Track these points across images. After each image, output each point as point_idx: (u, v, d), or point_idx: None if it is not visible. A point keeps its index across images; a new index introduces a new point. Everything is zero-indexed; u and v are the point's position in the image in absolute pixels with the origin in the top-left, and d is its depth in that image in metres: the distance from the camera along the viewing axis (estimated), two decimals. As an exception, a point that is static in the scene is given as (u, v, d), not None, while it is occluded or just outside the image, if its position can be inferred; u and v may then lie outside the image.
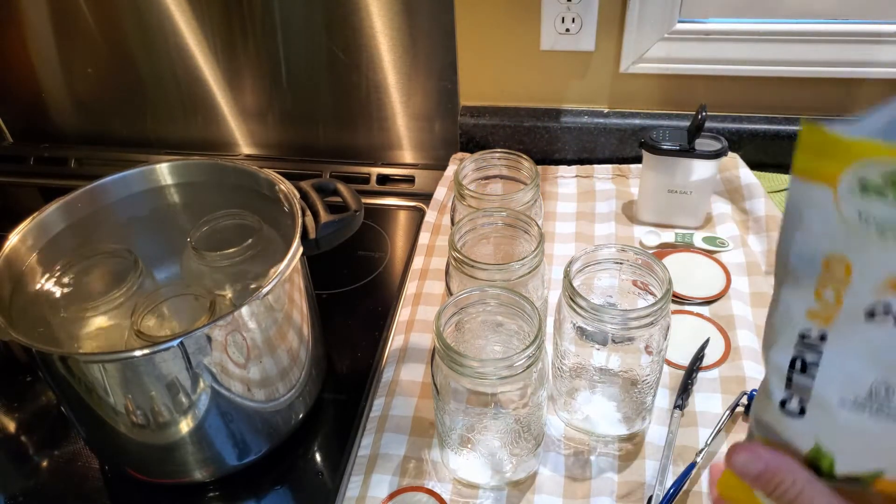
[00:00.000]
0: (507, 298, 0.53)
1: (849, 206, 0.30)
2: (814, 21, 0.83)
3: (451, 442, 0.55)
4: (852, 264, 0.31)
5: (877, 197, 0.29)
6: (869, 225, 0.30)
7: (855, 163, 0.29)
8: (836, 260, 0.32)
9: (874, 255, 0.30)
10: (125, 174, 0.64)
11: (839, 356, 0.33)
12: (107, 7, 0.95)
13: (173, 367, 0.49)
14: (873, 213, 0.29)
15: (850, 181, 0.30)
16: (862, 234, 0.30)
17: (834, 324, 0.33)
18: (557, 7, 0.85)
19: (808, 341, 0.34)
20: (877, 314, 0.32)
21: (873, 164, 0.28)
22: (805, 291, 0.34)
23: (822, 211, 0.31)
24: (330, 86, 0.96)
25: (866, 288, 0.31)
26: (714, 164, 0.77)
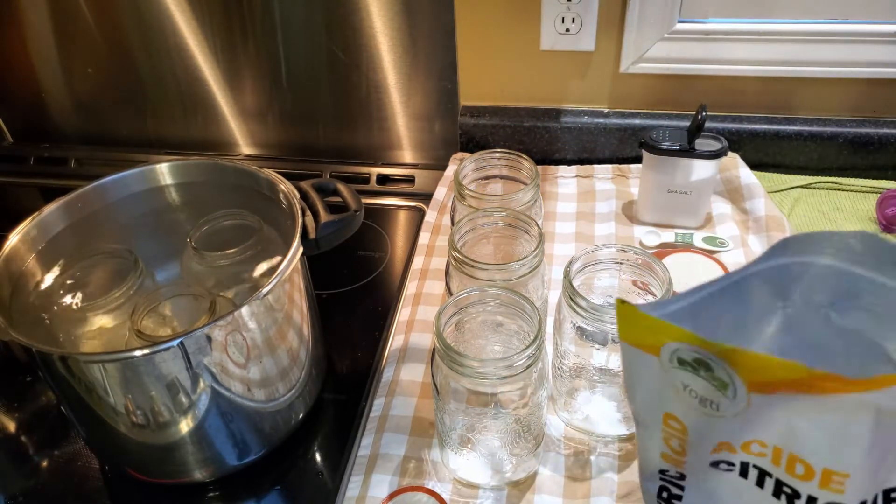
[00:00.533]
0: (507, 298, 0.53)
1: (672, 375, 0.32)
2: (813, 21, 0.83)
3: (451, 442, 0.55)
4: (687, 427, 0.33)
5: (692, 372, 0.31)
6: (692, 396, 0.32)
7: (668, 342, 0.31)
8: (673, 418, 0.33)
9: (703, 423, 0.32)
10: (125, 174, 0.64)
11: (699, 493, 0.35)
12: (107, 7, 0.95)
13: (173, 367, 0.49)
14: (692, 385, 0.31)
15: (669, 355, 0.31)
16: (688, 403, 0.32)
17: (686, 467, 0.35)
18: (557, 7, 0.85)
19: (669, 477, 0.36)
20: (720, 466, 0.33)
21: (682, 346, 0.30)
22: (656, 438, 0.35)
23: (653, 374, 0.33)
24: (330, 86, 0.96)
25: (704, 447, 0.33)
26: (714, 164, 0.77)
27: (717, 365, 0.29)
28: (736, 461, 0.32)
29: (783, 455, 0.30)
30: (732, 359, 0.29)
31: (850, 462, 0.29)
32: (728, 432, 0.31)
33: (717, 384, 0.30)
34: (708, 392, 0.31)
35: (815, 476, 0.30)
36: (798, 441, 0.30)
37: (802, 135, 0.88)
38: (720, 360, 0.29)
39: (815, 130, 0.88)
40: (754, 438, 0.31)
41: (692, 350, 0.30)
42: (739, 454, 0.32)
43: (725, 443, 0.32)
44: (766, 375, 0.28)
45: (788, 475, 0.31)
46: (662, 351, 0.31)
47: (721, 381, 0.30)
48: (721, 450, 0.32)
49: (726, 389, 0.30)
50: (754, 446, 0.31)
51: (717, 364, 0.29)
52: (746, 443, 0.31)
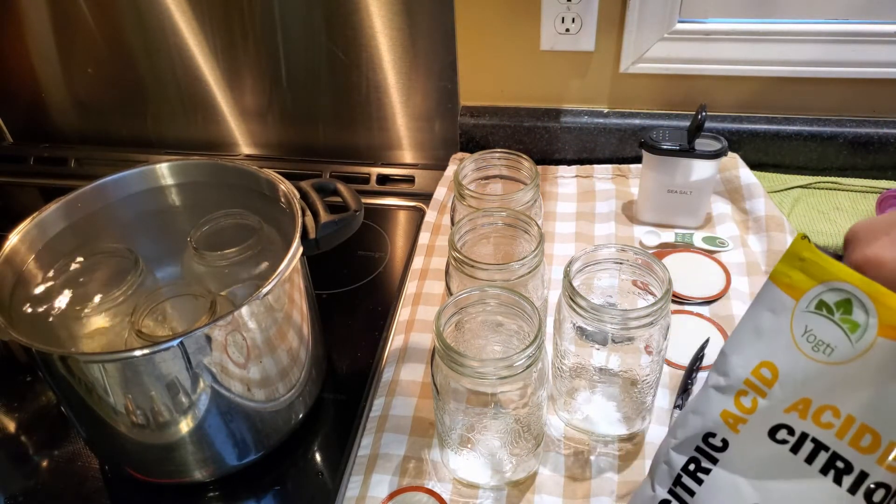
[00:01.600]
0: (507, 298, 0.53)
1: (798, 320, 0.34)
2: (814, 21, 0.83)
3: (451, 442, 0.55)
4: (780, 376, 0.35)
5: (826, 315, 0.33)
6: (808, 341, 0.33)
7: (825, 281, 0.33)
8: (767, 366, 0.35)
9: (801, 370, 0.34)
10: (125, 174, 0.64)
11: (730, 470, 0.36)
12: (107, 7, 0.95)
13: (173, 367, 0.49)
14: (816, 330, 0.33)
15: (812, 297, 0.33)
16: (798, 347, 0.34)
17: (741, 432, 0.36)
18: (557, 7, 0.85)
19: (710, 444, 0.37)
20: (779, 434, 0.34)
21: (838, 287, 0.32)
22: (728, 392, 0.36)
23: (778, 318, 0.35)
24: (330, 86, 0.96)
25: (780, 403, 0.35)
26: (714, 164, 0.77)
27: (861, 305, 0.31)
28: (797, 430, 0.34)
29: (853, 425, 0.32)
30: (883, 300, 0.31)
31: None
32: (817, 387, 0.33)
33: (849, 325, 0.32)
34: (830, 336, 0.33)
35: (878, 449, 0.32)
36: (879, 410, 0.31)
37: (802, 135, 0.88)
38: (870, 300, 0.31)
39: (815, 130, 0.88)
40: (832, 404, 0.32)
41: (847, 289, 0.32)
42: (808, 422, 0.33)
43: (805, 399, 0.33)
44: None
45: (851, 448, 0.32)
46: (808, 294, 0.34)
47: (854, 323, 0.32)
48: (794, 410, 0.34)
49: (856, 330, 0.32)
50: (826, 414, 0.33)
51: (862, 304, 0.31)
52: (822, 407, 0.33)
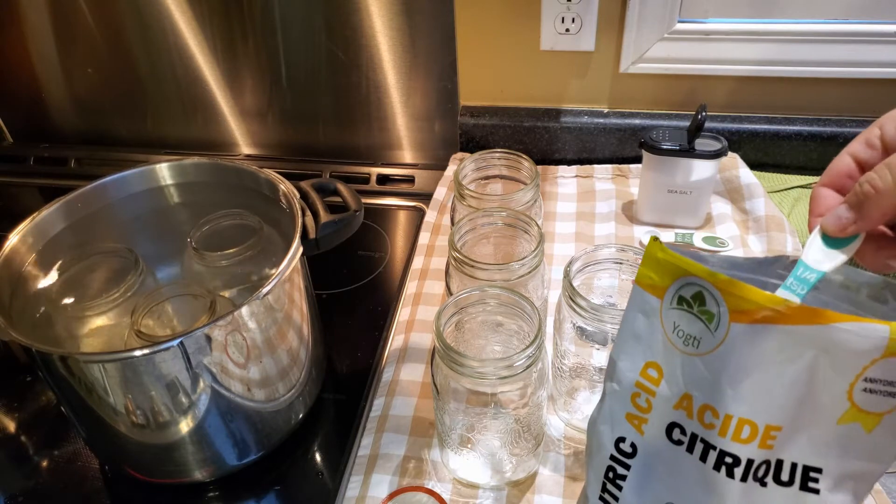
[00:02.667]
0: (507, 298, 0.53)
1: (667, 317, 0.37)
2: (814, 21, 0.83)
3: (451, 442, 0.55)
4: (663, 370, 0.37)
5: (686, 309, 0.35)
6: (679, 336, 0.36)
7: (679, 278, 0.36)
8: (652, 366, 0.38)
9: (679, 365, 0.36)
10: (125, 174, 0.64)
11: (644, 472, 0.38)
12: (107, 7, 0.95)
13: (173, 367, 0.49)
14: (682, 325, 0.36)
15: (673, 293, 0.36)
16: (672, 343, 0.36)
17: (645, 432, 0.38)
18: (557, 7, 0.85)
19: (622, 449, 0.39)
20: (674, 434, 0.36)
21: (691, 282, 0.35)
22: (624, 396, 0.39)
23: (650, 319, 0.37)
24: (330, 86, 0.96)
25: (669, 401, 0.37)
26: (714, 164, 0.77)
27: (711, 296, 0.34)
28: (688, 430, 0.36)
29: (732, 422, 0.34)
30: (727, 289, 0.34)
31: (784, 413, 0.34)
32: (695, 381, 0.35)
33: (706, 316, 0.34)
34: (694, 328, 0.35)
35: (757, 435, 0.34)
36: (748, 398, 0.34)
37: (802, 135, 0.88)
38: (717, 290, 0.34)
39: (815, 130, 0.88)
40: (711, 405, 0.35)
41: (696, 283, 0.35)
42: (694, 422, 0.36)
43: (687, 395, 0.36)
44: (750, 304, 0.33)
45: (733, 442, 0.34)
46: (668, 291, 0.36)
47: (710, 314, 0.34)
48: (680, 407, 0.36)
49: (712, 320, 0.34)
50: (707, 415, 0.35)
51: (711, 295, 0.34)
52: (703, 406, 0.35)
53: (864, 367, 0.33)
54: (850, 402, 0.34)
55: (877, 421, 0.34)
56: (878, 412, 0.34)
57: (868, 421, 0.34)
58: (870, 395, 0.33)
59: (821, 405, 0.34)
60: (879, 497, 0.54)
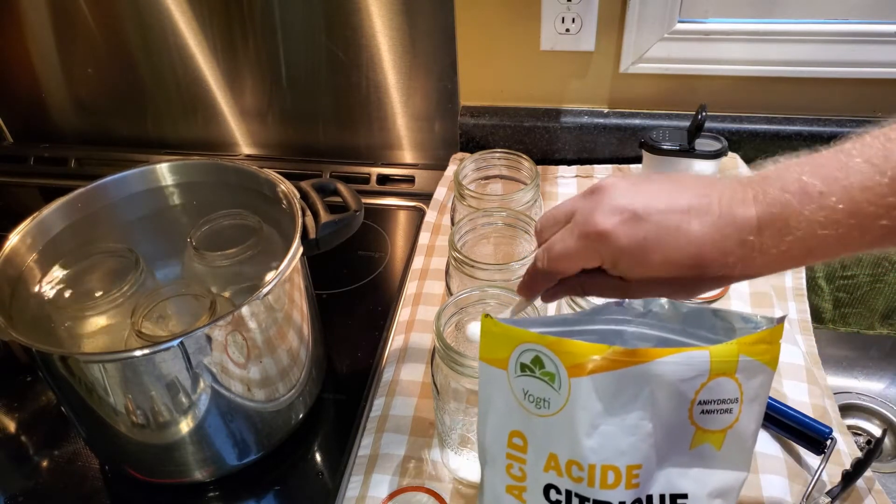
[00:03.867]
0: (507, 298, 0.53)
1: (516, 385, 0.38)
2: (814, 21, 0.83)
3: (451, 442, 0.55)
4: (527, 438, 0.38)
5: (530, 374, 0.37)
6: (530, 401, 0.37)
7: (516, 346, 0.37)
8: (517, 434, 0.39)
9: (538, 428, 0.37)
10: (125, 174, 0.64)
11: None
12: (107, 7, 0.95)
13: (173, 367, 0.49)
14: (530, 389, 0.37)
15: (514, 362, 0.38)
16: (527, 410, 0.38)
17: (527, 499, 0.39)
18: (557, 7, 0.85)
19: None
20: (551, 495, 0.38)
21: (526, 348, 0.37)
22: (500, 470, 0.40)
23: (502, 391, 0.39)
24: (330, 86, 0.96)
25: (537, 464, 0.38)
26: (714, 164, 0.77)
27: (547, 357, 0.36)
28: (562, 488, 0.37)
29: (596, 471, 0.36)
30: (557, 348, 0.36)
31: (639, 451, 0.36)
32: (555, 440, 0.37)
33: (547, 378, 0.36)
34: (541, 391, 0.37)
35: (622, 478, 0.36)
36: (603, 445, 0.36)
37: (802, 135, 0.88)
38: (550, 351, 0.36)
39: (815, 130, 0.88)
40: (575, 459, 0.36)
41: (531, 348, 0.37)
42: (564, 479, 0.37)
43: (553, 455, 0.37)
44: (580, 358, 0.35)
45: (602, 490, 0.36)
46: (510, 361, 0.38)
47: (550, 374, 0.36)
48: (549, 468, 0.37)
49: (554, 380, 0.36)
50: (574, 469, 0.36)
51: (547, 356, 0.36)
52: (569, 462, 0.37)
53: (695, 392, 0.35)
54: (695, 425, 0.36)
55: (722, 437, 0.37)
56: (721, 429, 0.37)
57: (715, 439, 0.37)
58: (709, 416, 0.36)
59: (670, 435, 0.36)
60: (880, 497, 0.54)
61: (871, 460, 0.54)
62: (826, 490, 0.54)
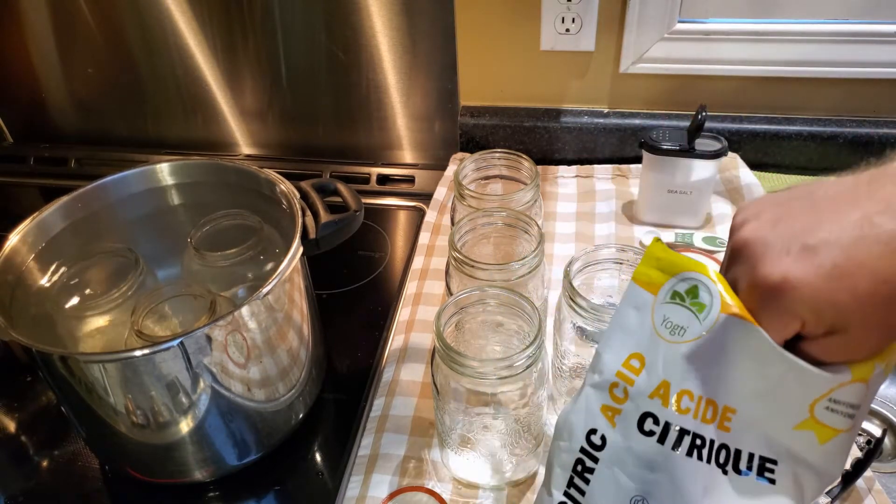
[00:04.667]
0: (507, 298, 0.53)
1: (658, 311, 0.38)
2: (814, 21, 0.83)
3: (451, 442, 0.55)
4: (646, 363, 0.38)
5: (679, 303, 0.37)
6: (666, 327, 0.37)
7: (678, 273, 0.37)
8: (636, 357, 0.39)
9: (662, 353, 0.37)
10: (125, 174, 0.64)
11: (611, 466, 0.39)
12: (107, 7, 0.95)
13: (173, 367, 0.49)
14: (671, 317, 0.37)
15: (668, 290, 0.38)
16: (659, 334, 0.38)
17: (616, 427, 0.39)
18: (557, 7, 0.85)
19: (592, 441, 0.40)
20: (646, 425, 0.37)
21: (685, 278, 0.37)
22: (603, 387, 0.40)
23: (641, 314, 0.39)
24: (330, 86, 0.96)
25: (645, 389, 0.38)
26: (714, 164, 0.77)
27: (706, 288, 0.36)
28: (661, 419, 0.37)
29: (702, 402, 0.36)
30: (726, 287, 0.35)
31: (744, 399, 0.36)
32: (674, 369, 0.37)
33: (697, 307, 0.36)
34: (683, 318, 0.37)
35: (717, 417, 0.36)
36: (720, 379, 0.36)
37: (802, 135, 0.88)
38: (713, 283, 0.36)
39: (815, 130, 0.88)
40: (686, 388, 0.36)
41: (694, 277, 0.36)
42: (669, 410, 0.37)
43: (665, 383, 0.37)
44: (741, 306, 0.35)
45: (702, 423, 0.36)
46: (663, 287, 0.38)
47: (701, 305, 0.36)
48: (657, 395, 0.37)
49: (702, 310, 0.36)
50: (685, 400, 0.36)
51: (706, 287, 0.36)
52: (681, 392, 0.37)
53: (830, 389, 0.34)
54: (811, 415, 0.35)
55: (832, 435, 0.36)
56: (835, 428, 0.35)
57: (823, 433, 0.36)
58: (831, 414, 0.35)
59: (780, 409, 0.36)
60: (879, 497, 0.54)
61: (871, 460, 0.54)
62: (826, 490, 0.54)
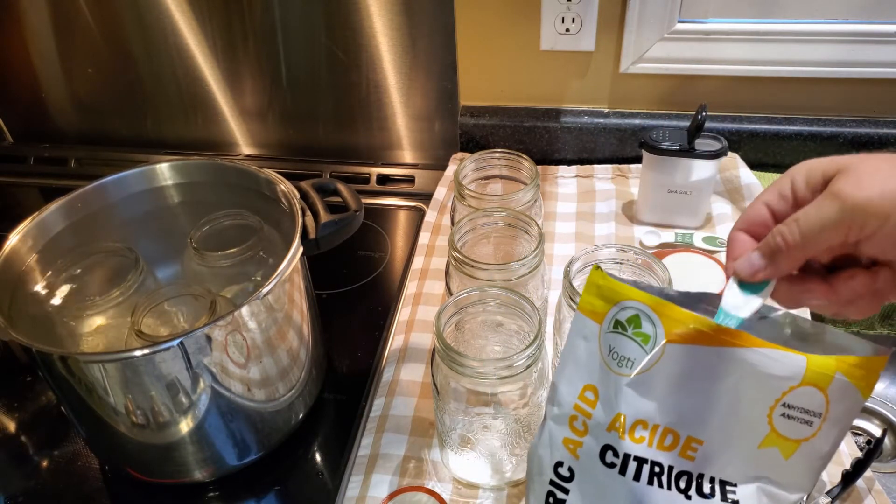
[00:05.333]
0: (507, 298, 0.53)
1: (604, 341, 0.38)
2: (814, 21, 0.83)
3: (451, 442, 0.55)
4: (598, 392, 0.39)
5: (622, 332, 0.37)
6: (613, 358, 0.37)
7: (618, 302, 0.38)
8: (590, 388, 0.39)
9: (614, 386, 0.38)
10: (125, 174, 0.64)
11: (581, 496, 0.39)
12: (107, 7, 0.95)
13: (173, 367, 0.49)
14: (617, 347, 0.38)
15: (610, 319, 0.38)
16: (608, 367, 0.38)
17: (580, 460, 0.39)
18: (557, 7, 0.85)
19: (560, 473, 0.40)
20: (607, 457, 0.38)
21: (627, 306, 0.37)
22: (563, 420, 0.40)
23: (589, 344, 0.39)
24: (330, 86, 0.96)
25: (603, 422, 0.38)
26: (714, 164, 0.77)
27: (647, 318, 0.36)
28: (620, 452, 0.37)
29: (658, 431, 0.37)
30: (661, 311, 0.36)
31: (708, 429, 0.36)
32: (627, 401, 0.37)
33: (641, 338, 0.37)
34: (629, 350, 0.37)
35: (678, 445, 0.37)
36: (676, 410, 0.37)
37: (802, 135, 0.88)
38: (653, 312, 0.36)
39: (815, 130, 0.88)
40: (642, 419, 0.37)
41: (633, 306, 0.37)
42: (627, 442, 0.37)
43: (619, 415, 0.37)
44: (682, 325, 0.36)
45: (659, 450, 0.37)
46: (606, 317, 0.38)
47: (645, 336, 0.36)
48: (613, 429, 0.38)
49: (647, 342, 0.36)
50: (638, 430, 0.37)
51: (648, 317, 0.36)
52: (634, 423, 0.37)
53: (783, 393, 0.35)
54: (770, 425, 0.36)
55: (794, 448, 0.36)
56: (795, 439, 0.36)
57: (786, 447, 0.36)
58: (788, 421, 0.36)
59: (743, 426, 0.36)
60: (879, 497, 0.54)
61: (871, 460, 0.54)
62: (826, 490, 0.54)
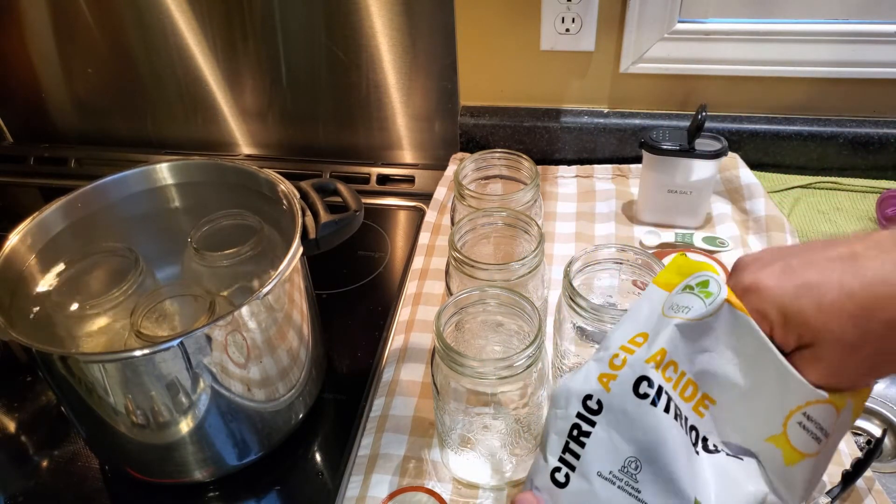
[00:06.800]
0: (507, 298, 0.53)
1: (669, 300, 0.40)
2: (814, 21, 0.83)
3: (451, 442, 0.55)
4: (649, 337, 0.40)
5: (689, 291, 0.39)
6: (673, 308, 0.39)
7: (694, 273, 0.40)
8: (641, 335, 0.40)
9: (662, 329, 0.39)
10: (125, 174, 0.64)
11: (607, 429, 0.39)
12: (107, 7, 0.95)
13: (173, 367, 0.49)
14: (679, 301, 0.40)
15: (682, 286, 0.40)
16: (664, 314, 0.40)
17: (611, 392, 0.40)
18: (557, 7, 0.85)
19: (588, 406, 0.40)
20: (641, 388, 0.38)
21: (701, 276, 0.40)
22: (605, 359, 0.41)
23: (653, 304, 0.41)
24: (330, 86, 0.96)
25: (644, 356, 0.39)
26: (714, 164, 0.77)
27: (717, 283, 0.38)
28: (655, 383, 0.38)
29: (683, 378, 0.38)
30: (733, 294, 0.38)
31: (725, 397, 0.38)
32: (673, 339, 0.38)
33: (704, 294, 0.38)
34: (690, 301, 0.39)
35: (696, 397, 0.39)
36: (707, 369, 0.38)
37: (802, 135, 0.88)
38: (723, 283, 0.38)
39: (815, 130, 0.88)
40: (675, 360, 0.38)
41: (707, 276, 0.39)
42: (659, 376, 0.38)
43: (662, 350, 0.38)
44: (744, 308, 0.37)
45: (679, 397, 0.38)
46: (678, 286, 0.40)
47: (709, 293, 0.38)
48: (652, 360, 0.38)
49: (709, 297, 0.38)
50: (669, 370, 0.38)
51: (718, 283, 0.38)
52: (668, 362, 0.38)
53: (808, 402, 0.36)
54: (784, 428, 0.37)
55: (798, 459, 0.37)
56: (801, 451, 0.37)
57: (790, 455, 0.37)
58: (802, 432, 0.36)
59: (758, 416, 0.37)
60: (879, 497, 0.54)
61: (871, 460, 0.54)
62: (826, 490, 0.54)
